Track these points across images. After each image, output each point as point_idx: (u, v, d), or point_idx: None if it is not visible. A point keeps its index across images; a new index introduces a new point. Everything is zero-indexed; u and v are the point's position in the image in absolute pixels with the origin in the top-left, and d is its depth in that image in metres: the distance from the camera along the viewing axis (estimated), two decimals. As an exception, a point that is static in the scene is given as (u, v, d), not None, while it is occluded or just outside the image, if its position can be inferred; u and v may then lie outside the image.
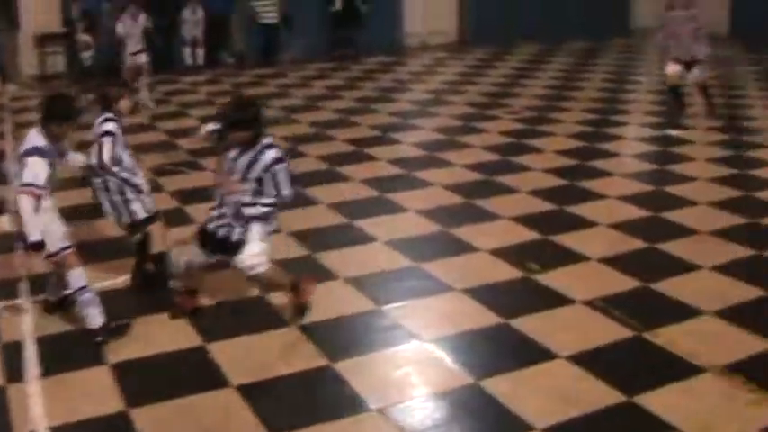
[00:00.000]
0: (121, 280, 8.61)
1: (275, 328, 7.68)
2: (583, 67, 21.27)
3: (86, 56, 19.26)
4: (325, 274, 8.82)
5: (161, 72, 18.48)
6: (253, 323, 7.80)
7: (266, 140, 7.33)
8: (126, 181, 8.22)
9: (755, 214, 10.38)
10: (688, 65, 14.65)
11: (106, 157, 7.99)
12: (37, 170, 7.05)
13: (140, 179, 8.41)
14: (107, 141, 8.03)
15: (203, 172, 12.18)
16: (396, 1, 23.39)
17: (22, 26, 19.56)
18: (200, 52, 20.41)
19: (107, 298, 7.80)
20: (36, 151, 7.08)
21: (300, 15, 21.15)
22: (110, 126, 8.11)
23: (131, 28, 16.50)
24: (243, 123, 7.24)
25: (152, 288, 8.45)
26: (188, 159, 12.91)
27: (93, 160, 8.12)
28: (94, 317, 7.45)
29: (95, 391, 6.77)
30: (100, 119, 8.20)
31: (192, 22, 20.10)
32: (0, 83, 19.09)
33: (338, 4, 21.70)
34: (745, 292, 8.31)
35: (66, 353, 7.35)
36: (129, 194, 8.25)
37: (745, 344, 7.31)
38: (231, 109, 7.51)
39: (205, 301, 8.12)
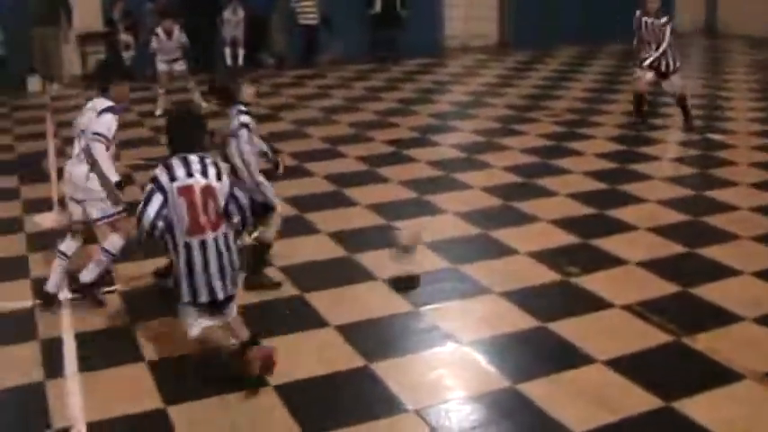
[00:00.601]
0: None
1: (312, 327, 7.69)
2: (623, 69, 21.06)
3: (127, 56, 19.39)
4: (363, 275, 8.83)
5: (201, 72, 18.53)
6: (290, 323, 7.83)
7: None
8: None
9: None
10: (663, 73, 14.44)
11: (246, 148, 8.05)
12: (110, 124, 7.83)
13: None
14: (244, 133, 8.04)
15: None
16: (436, 3, 23.39)
17: (73, 25, 19.55)
18: (240, 52, 20.48)
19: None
20: (109, 110, 7.87)
21: (340, 17, 21.17)
22: (245, 118, 8.14)
23: (165, 43, 16.27)
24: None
25: None
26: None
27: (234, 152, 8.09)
28: (91, 273, 8.13)
29: (133, 387, 6.82)
30: (234, 111, 8.20)
31: (233, 22, 20.18)
32: (42, 82, 19.21)
33: (377, 7, 21.69)
34: (786, 298, 8.24)
35: (105, 349, 7.41)
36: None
37: (785, 351, 7.25)
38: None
39: (246, 300, 8.15)
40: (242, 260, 7.28)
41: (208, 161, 6.67)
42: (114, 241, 8.03)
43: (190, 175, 6.52)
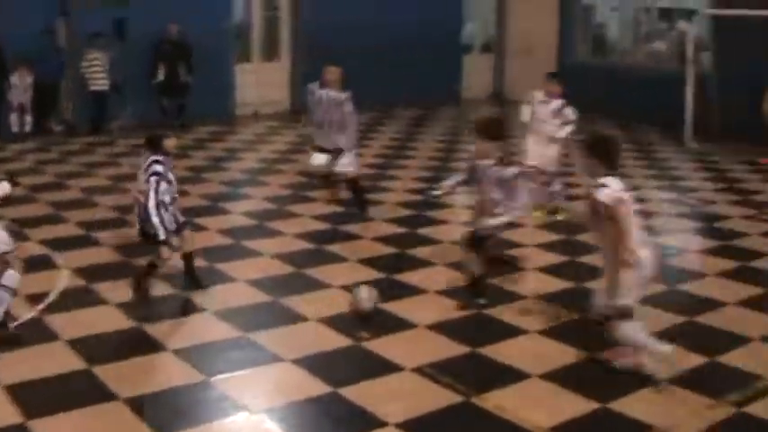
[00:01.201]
0: None
1: (101, 401, 7.50)
2: (415, 134, 21.50)
3: None
4: (153, 346, 8.68)
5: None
6: (78, 397, 7.61)
7: None
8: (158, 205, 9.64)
9: (581, 278, 10.62)
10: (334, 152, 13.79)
11: (152, 196, 9.54)
12: None
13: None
14: (154, 181, 9.57)
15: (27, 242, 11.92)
16: (226, 69, 23.29)
17: None
18: (28, 119, 19.93)
19: None
20: None
21: (131, 83, 20.88)
22: (158, 167, 9.66)
23: None
24: None
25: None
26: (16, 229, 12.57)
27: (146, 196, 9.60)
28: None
29: None
30: (149, 160, 9.72)
31: (21, 87, 19.60)
32: None
33: (161, 76, 21.40)
34: (569, 354, 8.52)
35: None
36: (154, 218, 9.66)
37: (570, 405, 7.49)
38: None
39: (28, 375, 7.90)
40: None
41: None
42: (11, 275, 8.66)
43: None
